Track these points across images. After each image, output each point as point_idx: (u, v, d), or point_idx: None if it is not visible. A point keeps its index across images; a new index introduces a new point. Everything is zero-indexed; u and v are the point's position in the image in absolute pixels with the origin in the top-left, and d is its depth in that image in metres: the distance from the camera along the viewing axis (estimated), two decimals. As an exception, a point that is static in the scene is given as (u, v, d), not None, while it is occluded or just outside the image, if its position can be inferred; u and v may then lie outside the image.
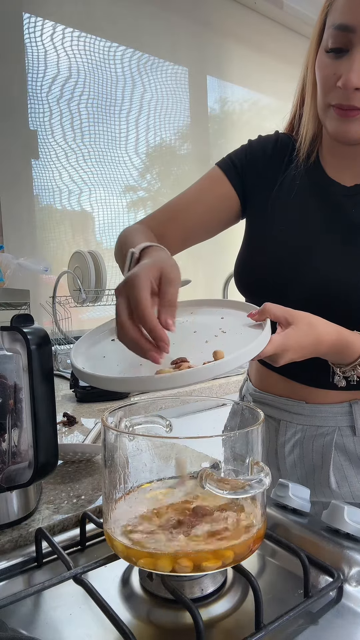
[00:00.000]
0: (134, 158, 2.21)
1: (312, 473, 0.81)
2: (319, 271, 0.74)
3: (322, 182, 0.78)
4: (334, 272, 0.73)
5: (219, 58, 2.53)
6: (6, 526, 0.61)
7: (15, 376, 0.60)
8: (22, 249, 1.82)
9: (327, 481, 0.79)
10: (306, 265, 0.75)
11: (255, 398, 0.88)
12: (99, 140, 2.09)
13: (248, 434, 0.49)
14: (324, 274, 0.73)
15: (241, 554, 0.47)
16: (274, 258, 0.78)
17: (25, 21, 1.83)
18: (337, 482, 0.78)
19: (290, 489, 0.64)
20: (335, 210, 0.75)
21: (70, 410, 1.24)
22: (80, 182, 2.04)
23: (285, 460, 0.84)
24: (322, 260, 0.74)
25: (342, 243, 0.74)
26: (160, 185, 2.35)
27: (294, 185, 0.79)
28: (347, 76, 0.62)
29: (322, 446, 0.79)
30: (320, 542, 0.56)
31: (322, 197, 0.77)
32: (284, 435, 0.83)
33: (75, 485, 0.75)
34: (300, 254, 0.76)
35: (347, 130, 0.66)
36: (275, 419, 0.85)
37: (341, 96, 0.64)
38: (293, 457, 0.83)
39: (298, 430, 0.82)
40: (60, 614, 0.49)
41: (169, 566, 0.45)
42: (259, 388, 0.88)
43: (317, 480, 0.80)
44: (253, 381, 0.90)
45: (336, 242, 0.74)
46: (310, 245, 0.75)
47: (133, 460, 0.51)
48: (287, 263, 0.76)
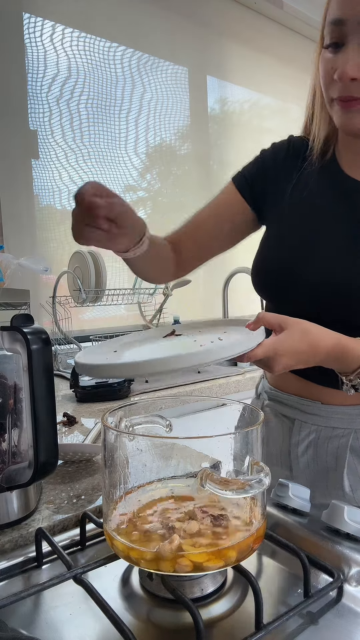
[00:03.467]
0: (133, 158, 2.21)
1: (325, 475, 0.80)
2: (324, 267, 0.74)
3: (338, 178, 0.78)
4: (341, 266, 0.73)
5: (219, 58, 2.53)
6: (6, 526, 0.61)
7: (15, 376, 0.60)
8: (22, 249, 1.82)
9: (341, 484, 0.77)
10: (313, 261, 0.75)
11: (271, 396, 0.88)
12: (99, 140, 2.09)
13: (248, 434, 0.49)
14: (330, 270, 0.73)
15: (241, 553, 0.47)
16: (282, 256, 0.79)
17: (25, 21, 1.83)
18: (350, 486, 0.77)
19: (290, 489, 0.64)
20: (350, 206, 0.75)
21: (70, 410, 1.24)
22: (81, 182, 2.03)
23: (299, 460, 0.83)
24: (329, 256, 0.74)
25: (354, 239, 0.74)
26: (160, 186, 2.35)
27: (308, 184, 0.80)
28: (343, 68, 0.64)
29: (336, 448, 0.78)
30: (320, 542, 0.56)
31: (336, 194, 0.77)
32: (297, 435, 0.82)
33: (75, 485, 0.75)
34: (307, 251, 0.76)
35: (352, 122, 0.68)
36: (290, 418, 0.84)
37: (340, 88, 0.66)
38: (306, 458, 0.82)
39: (313, 431, 0.81)
40: (60, 614, 0.49)
41: (169, 566, 0.45)
42: (274, 386, 0.88)
43: (331, 483, 0.79)
44: (269, 379, 0.90)
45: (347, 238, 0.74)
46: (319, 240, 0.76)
47: (133, 460, 0.51)
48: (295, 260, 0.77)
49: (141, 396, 1.40)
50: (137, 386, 1.46)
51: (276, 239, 0.82)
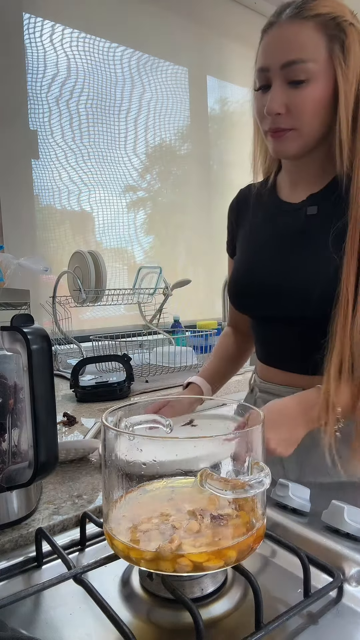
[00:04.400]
0: (133, 158, 2.21)
1: (307, 454, 0.86)
2: (265, 279, 0.88)
3: (274, 203, 0.93)
4: (276, 272, 0.87)
5: (219, 58, 2.54)
6: (6, 526, 0.61)
7: (16, 376, 0.60)
8: (22, 249, 1.82)
9: (323, 460, 0.82)
10: (258, 275, 0.90)
11: (261, 388, 0.98)
12: (99, 140, 2.09)
13: (248, 434, 0.49)
14: (268, 279, 0.88)
15: (241, 553, 0.47)
16: (239, 277, 0.95)
17: (25, 21, 1.83)
18: (332, 462, 0.82)
19: (290, 489, 0.64)
20: (284, 226, 0.89)
21: (70, 410, 1.24)
22: (80, 182, 2.04)
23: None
24: (267, 269, 0.88)
25: (279, 251, 0.88)
26: (160, 186, 2.35)
27: (256, 217, 0.96)
28: (269, 105, 0.78)
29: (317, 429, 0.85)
30: (320, 542, 0.56)
31: (274, 219, 0.91)
32: None
33: (75, 485, 0.75)
34: (251, 268, 0.92)
35: (283, 148, 0.81)
36: None
37: (269, 121, 0.80)
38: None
39: None
40: (60, 614, 0.49)
41: (169, 566, 0.45)
42: (263, 379, 0.97)
43: (315, 460, 0.85)
44: (259, 374, 1.00)
45: (276, 250, 0.88)
46: (259, 258, 0.91)
47: (133, 460, 0.51)
48: (244, 282, 0.93)
49: (141, 396, 1.40)
50: (137, 386, 1.46)
51: (236, 264, 0.98)
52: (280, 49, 0.76)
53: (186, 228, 2.46)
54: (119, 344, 1.65)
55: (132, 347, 1.78)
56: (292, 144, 0.80)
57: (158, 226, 2.37)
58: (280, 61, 0.76)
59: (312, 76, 0.75)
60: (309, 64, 0.75)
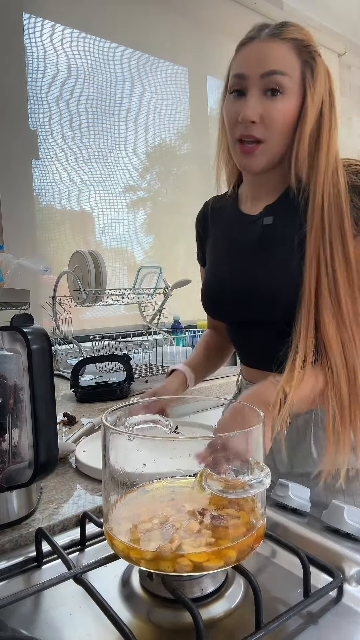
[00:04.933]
0: (133, 158, 2.21)
1: (296, 447, 0.90)
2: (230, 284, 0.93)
3: (235, 217, 0.97)
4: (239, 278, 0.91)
5: (219, 58, 2.53)
6: (6, 526, 0.61)
7: (16, 376, 0.60)
8: (22, 249, 1.82)
9: (310, 452, 0.88)
10: (223, 281, 0.95)
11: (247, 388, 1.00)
12: (99, 140, 2.09)
13: (248, 434, 0.49)
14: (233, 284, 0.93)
15: (241, 553, 0.47)
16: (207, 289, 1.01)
17: (25, 21, 1.83)
18: (317, 453, 0.87)
19: (290, 489, 0.64)
20: (244, 238, 0.93)
21: (70, 410, 1.24)
22: (80, 182, 2.04)
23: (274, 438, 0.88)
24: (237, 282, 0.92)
25: (239, 258, 0.92)
26: (160, 186, 2.35)
27: (219, 229, 1.02)
28: (244, 112, 0.81)
29: (304, 422, 0.88)
30: (320, 542, 0.56)
31: (234, 231, 0.96)
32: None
33: (75, 485, 0.75)
34: (220, 284, 0.96)
35: (250, 163, 0.85)
36: None
37: (242, 128, 0.82)
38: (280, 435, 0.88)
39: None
40: (60, 614, 0.49)
41: (169, 566, 0.45)
42: (248, 380, 1.02)
43: (302, 453, 0.89)
44: (243, 374, 1.05)
45: (237, 258, 0.93)
46: (225, 266, 0.96)
47: (133, 460, 0.51)
48: (215, 291, 0.98)
49: (141, 396, 1.40)
50: (137, 386, 1.46)
51: (206, 274, 1.03)
52: (262, 59, 0.80)
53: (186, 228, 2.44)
54: (119, 344, 1.65)
55: (132, 347, 1.78)
56: (260, 159, 0.84)
57: (158, 226, 2.37)
58: (261, 70, 0.80)
59: (287, 90, 0.80)
60: (286, 78, 0.80)
